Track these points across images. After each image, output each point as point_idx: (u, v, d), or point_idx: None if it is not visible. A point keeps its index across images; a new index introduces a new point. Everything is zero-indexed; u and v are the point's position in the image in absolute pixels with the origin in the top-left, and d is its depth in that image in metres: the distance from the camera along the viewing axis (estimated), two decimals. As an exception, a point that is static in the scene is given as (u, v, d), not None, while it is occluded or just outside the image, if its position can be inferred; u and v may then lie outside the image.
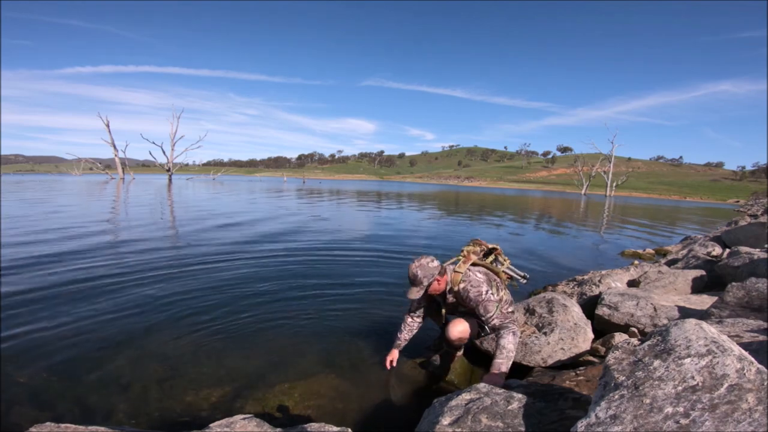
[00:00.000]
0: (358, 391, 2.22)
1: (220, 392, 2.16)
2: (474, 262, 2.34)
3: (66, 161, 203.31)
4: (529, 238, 9.10)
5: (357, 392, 2.22)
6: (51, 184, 28.98)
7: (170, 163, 41.87)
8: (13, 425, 1.84)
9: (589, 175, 60.40)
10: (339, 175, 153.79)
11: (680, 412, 0.94)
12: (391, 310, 3.52)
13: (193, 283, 4.07)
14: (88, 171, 62.76)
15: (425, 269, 2.13)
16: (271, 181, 67.58)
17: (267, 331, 2.98)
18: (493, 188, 79.44)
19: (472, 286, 2.20)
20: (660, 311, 2.70)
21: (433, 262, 2.17)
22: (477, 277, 2.24)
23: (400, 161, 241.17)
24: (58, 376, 2.27)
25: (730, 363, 0.99)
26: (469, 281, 2.22)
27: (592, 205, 26.79)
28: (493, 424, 1.33)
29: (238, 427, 1.45)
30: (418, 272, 2.12)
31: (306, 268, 4.94)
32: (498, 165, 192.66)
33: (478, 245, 2.52)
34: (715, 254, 5.09)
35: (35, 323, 2.94)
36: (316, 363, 2.53)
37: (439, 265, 2.19)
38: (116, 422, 1.88)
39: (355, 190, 34.31)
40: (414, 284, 2.15)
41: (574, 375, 1.92)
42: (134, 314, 3.20)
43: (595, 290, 3.46)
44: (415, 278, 2.13)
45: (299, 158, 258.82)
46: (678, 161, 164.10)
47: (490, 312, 2.13)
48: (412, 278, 2.14)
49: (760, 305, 2.23)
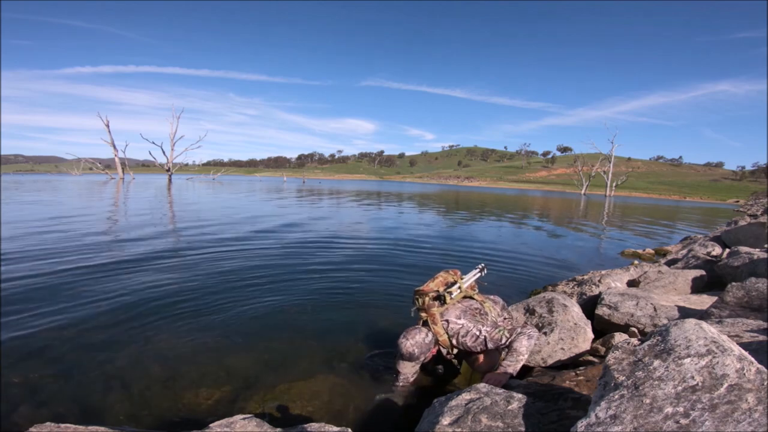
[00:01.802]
0: (358, 391, 2.22)
1: (220, 392, 2.16)
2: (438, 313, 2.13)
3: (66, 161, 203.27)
4: (529, 238, 9.10)
5: (357, 392, 2.21)
6: (49, 184, 28.96)
7: (170, 163, 41.85)
8: (13, 425, 1.84)
9: (588, 175, 60.43)
10: (339, 175, 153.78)
11: (680, 412, 0.94)
12: (391, 311, 3.52)
13: (194, 283, 4.07)
14: (88, 171, 62.72)
15: (421, 347, 2.00)
16: (271, 181, 67.57)
17: (267, 332, 2.98)
18: (493, 188, 79.45)
19: (462, 336, 2.07)
20: (660, 311, 2.70)
21: (427, 336, 2.03)
22: (458, 324, 2.09)
23: (400, 161, 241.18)
24: (58, 376, 2.26)
25: (730, 363, 1.00)
26: (458, 334, 2.07)
27: (592, 205, 26.78)
28: (493, 424, 1.33)
29: (238, 427, 1.45)
30: (415, 351, 1.98)
31: (306, 268, 4.94)
32: (498, 165, 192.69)
33: (425, 295, 2.19)
34: (714, 254, 5.09)
35: (35, 323, 2.94)
36: (316, 363, 2.53)
37: (432, 339, 2.05)
38: (116, 422, 1.88)
39: (355, 190, 34.30)
40: (408, 361, 2.03)
41: (574, 375, 1.92)
42: (134, 314, 3.20)
43: (595, 290, 3.46)
44: (411, 356, 2.00)
45: (299, 158, 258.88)
46: (678, 161, 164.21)
47: (500, 341, 2.04)
48: (407, 356, 2.00)
49: (760, 305, 2.24)
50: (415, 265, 5.32)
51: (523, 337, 2.03)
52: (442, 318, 2.13)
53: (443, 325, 2.11)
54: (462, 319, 2.11)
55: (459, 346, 2.09)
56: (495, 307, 2.35)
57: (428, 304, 2.15)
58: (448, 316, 2.13)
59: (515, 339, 2.03)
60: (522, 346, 2.01)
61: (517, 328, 2.07)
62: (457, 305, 2.19)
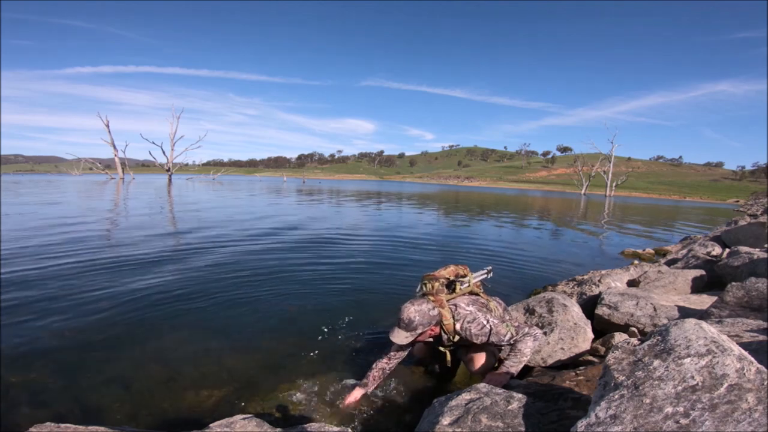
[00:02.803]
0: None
1: (220, 392, 2.16)
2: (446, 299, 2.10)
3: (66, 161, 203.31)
4: (528, 237, 9.10)
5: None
6: (51, 184, 28.95)
7: (170, 163, 41.85)
8: (13, 425, 1.84)
9: (588, 175, 60.44)
10: (339, 175, 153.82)
11: (680, 412, 0.94)
12: (394, 312, 3.52)
13: (194, 284, 4.07)
14: (88, 171, 62.71)
15: (424, 316, 1.92)
16: (270, 181, 67.56)
17: (267, 332, 2.98)
18: (493, 188, 79.44)
19: (469, 322, 2.02)
20: (660, 311, 2.70)
21: (433, 310, 1.97)
22: (467, 311, 2.05)
23: (400, 161, 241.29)
24: (58, 376, 2.26)
25: (730, 363, 1.00)
26: (464, 319, 2.03)
27: (592, 205, 26.78)
28: (493, 424, 1.33)
29: (238, 427, 1.45)
30: (416, 318, 1.90)
31: (307, 268, 4.94)
32: (498, 165, 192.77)
33: (435, 280, 2.16)
34: (714, 254, 5.09)
35: (35, 323, 2.94)
36: (316, 363, 2.53)
37: (437, 315, 1.98)
38: (116, 422, 1.88)
39: (355, 190, 34.30)
40: (405, 329, 1.91)
41: (574, 375, 1.92)
42: (134, 314, 3.20)
43: (595, 290, 3.46)
44: (409, 323, 1.89)
45: (299, 158, 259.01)
46: (678, 161, 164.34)
47: (505, 336, 1.99)
48: (406, 322, 1.90)
49: (760, 305, 2.24)
50: (417, 266, 5.32)
51: (529, 338, 2.01)
52: (451, 303, 2.09)
53: (451, 309, 2.06)
54: (471, 307, 2.08)
55: (462, 332, 2.03)
56: (498, 308, 2.35)
57: (437, 289, 2.09)
58: (457, 302, 2.10)
59: (520, 339, 2.01)
60: (527, 347, 1.99)
61: (524, 328, 2.03)
62: (465, 296, 2.19)
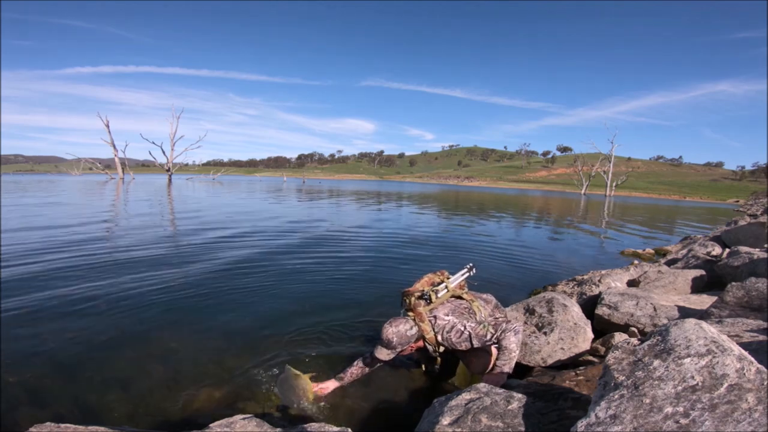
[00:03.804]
0: (358, 391, 2.22)
1: (220, 392, 2.16)
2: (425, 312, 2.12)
3: (66, 161, 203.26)
4: (528, 237, 9.10)
5: (357, 392, 2.21)
6: (53, 184, 28.94)
7: (170, 163, 41.85)
8: (13, 425, 1.84)
9: (588, 174, 60.45)
10: (339, 175, 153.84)
11: (680, 411, 0.94)
12: (394, 312, 3.52)
13: (194, 284, 4.07)
14: (88, 171, 62.67)
15: (402, 337, 2.01)
16: (270, 181, 67.57)
17: (267, 332, 2.98)
18: (493, 188, 79.46)
19: (447, 332, 2.07)
20: (660, 311, 2.70)
21: (412, 330, 2.04)
22: (445, 320, 2.10)
23: (400, 161, 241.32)
24: (58, 376, 2.26)
25: (730, 363, 1.00)
26: (443, 330, 2.08)
27: (592, 205, 26.79)
28: (493, 424, 1.33)
29: (238, 427, 1.45)
30: (394, 339, 2.00)
31: (307, 268, 4.94)
32: (498, 165, 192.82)
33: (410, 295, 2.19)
34: (714, 254, 5.09)
35: (35, 323, 2.94)
36: (316, 364, 2.53)
37: (416, 333, 2.05)
38: (116, 422, 1.88)
39: (355, 190, 34.30)
40: (386, 347, 2.02)
41: (574, 375, 1.92)
42: (134, 314, 3.20)
43: (595, 290, 3.46)
44: (389, 344, 2.00)
45: (299, 158, 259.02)
46: (677, 161, 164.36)
47: (485, 338, 2.03)
48: (385, 342, 2.00)
49: (760, 305, 2.24)
50: (417, 266, 5.32)
51: (510, 333, 2.02)
52: (431, 314, 2.13)
53: (431, 321, 2.11)
54: (450, 316, 2.12)
55: (444, 342, 2.09)
56: (486, 306, 2.34)
57: (414, 303, 2.15)
58: (436, 313, 2.14)
59: (503, 337, 2.02)
60: (511, 342, 2.00)
61: (502, 325, 2.06)
62: (446, 304, 2.20)
